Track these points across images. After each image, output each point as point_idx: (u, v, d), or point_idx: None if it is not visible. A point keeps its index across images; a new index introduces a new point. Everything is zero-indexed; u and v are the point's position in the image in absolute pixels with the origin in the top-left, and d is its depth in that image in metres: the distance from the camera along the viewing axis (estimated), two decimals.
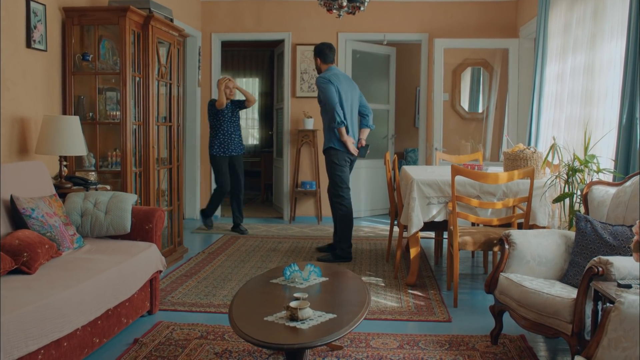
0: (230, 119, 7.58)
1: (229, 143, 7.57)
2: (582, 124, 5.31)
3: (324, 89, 6.21)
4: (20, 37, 4.56)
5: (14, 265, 3.34)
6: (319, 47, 6.47)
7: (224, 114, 7.53)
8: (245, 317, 2.92)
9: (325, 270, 3.75)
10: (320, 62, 6.46)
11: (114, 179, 5.39)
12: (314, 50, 6.53)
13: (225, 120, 7.54)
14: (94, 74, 5.24)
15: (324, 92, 6.21)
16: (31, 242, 3.53)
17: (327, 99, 6.19)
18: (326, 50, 6.44)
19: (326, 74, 6.33)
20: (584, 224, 3.69)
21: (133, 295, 4.03)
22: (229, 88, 7.48)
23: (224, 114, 7.52)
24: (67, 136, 4.54)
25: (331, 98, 6.17)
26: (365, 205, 9.29)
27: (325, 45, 6.48)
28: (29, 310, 2.84)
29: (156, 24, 5.56)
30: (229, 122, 7.56)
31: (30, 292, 3.04)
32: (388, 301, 4.87)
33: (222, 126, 7.53)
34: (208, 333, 4.06)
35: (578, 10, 5.61)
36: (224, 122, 7.53)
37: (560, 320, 3.27)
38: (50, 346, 3.01)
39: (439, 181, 5.14)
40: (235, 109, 7.65)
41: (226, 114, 7.54)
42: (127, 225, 4.41)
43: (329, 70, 6.42)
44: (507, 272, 3.82)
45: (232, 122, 7.60)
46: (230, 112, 7.58)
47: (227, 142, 7.56)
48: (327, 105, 6.20)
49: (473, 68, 9.01)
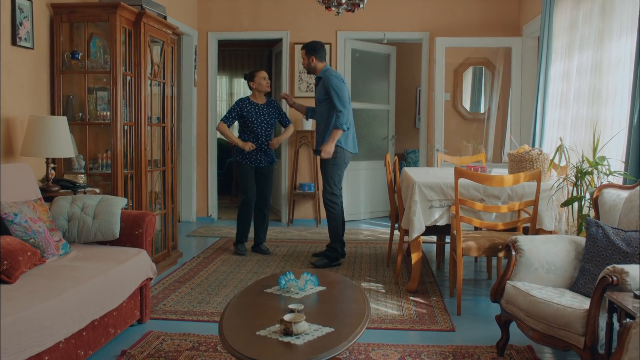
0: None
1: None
2: (589, 124, 5.13)
3: (339, 88, 5.99)
4: (5, 34, 4.37)
5: None
6: (313, 45, 6.25)
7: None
8: (236, 331, 2.73)
9: (323, 279, 3.56)
10: (315, 61, 6.22)
11: (105, 182, 5.20)
12: (306, 48, 6.27)
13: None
14: (84, 73, 5.06)
15: (339, 92, 5.99)
16: (12, 249, 3.34)
17: (341, 99, 5.97)
18: (320, 49, 6.24)
19: (337, 73, 6.17)
20: (595, 230, 3.51)
21: (121, 304, 3.84)
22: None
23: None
24: (54, 137, 4.35)
25: (346, 99, 6.01)
26: (365, 207, 9.10)
27: (319, 44, 6.28)
28: (5, 324, 2.64)
29: (148, 21, 5.37)
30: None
31: (7, 304, 2.84)
32: (389, 309, 4.68)
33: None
34: (200, 344, 3.87)
35: (585, 7, 5.43)
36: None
37: (572, 332, 3.09)
38: None
39: (441, 184, 4.95)
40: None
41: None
42: (116, 231, 4.22)
43: (328, 69, 6.23)
44: (514, 280, 3.64)
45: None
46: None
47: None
48: (339, 105, 5.96)
49: (475, 67, 8.84)
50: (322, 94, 6.12)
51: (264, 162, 6.56)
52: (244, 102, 6.51)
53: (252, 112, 6.45)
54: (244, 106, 6.47)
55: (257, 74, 6.54)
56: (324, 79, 6.08)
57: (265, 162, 6.57)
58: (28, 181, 4.12)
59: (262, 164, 6.54)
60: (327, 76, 6.08)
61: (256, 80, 6.51)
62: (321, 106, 6.18)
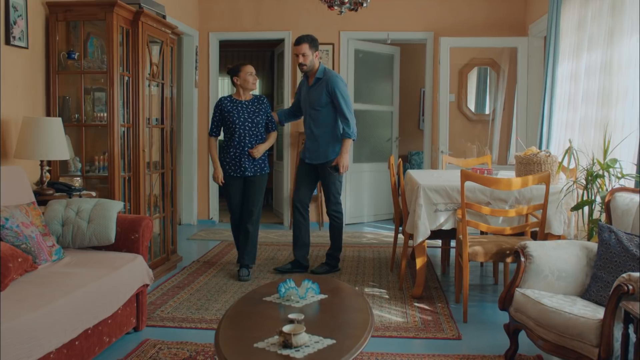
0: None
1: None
2: (598, 126, 4.99)
3: (347, 94, 5.60)
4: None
5: None
6: (315, 39, 5.68)
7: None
8: (233, 343, 2.60)
9: (324, 287, 3.43)
10: (317, 58, 5.68)
11: (102, 185, 5.08)
12: (309, 41, 5.61)
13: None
14: (80, 73, 4.95)
15: (347, 98, 5.58)
16: (2, 255, 3.21)
17: (349, 106, 5.58)
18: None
19: (339, 75, 5.74)
20: (608, 235, 3.38)
21: (116, 312, 3.71)
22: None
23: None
24: (48, 139, 4.22)
25: (350, 103, 5.64)
26: (368, 210, 8.97)
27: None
28: None
29: (147, 21, 5.25)
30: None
31: None
32: (393, 316, 4.55)
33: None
34: (197, 353, 3.74)
35: (593, 6, 5.29)
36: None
37: (585, 343, 2.95)
38: None
39: (446, 187, 4.82)
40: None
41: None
42: (111, 235, 4.09)
43: (328, 69, 5.76)
44: (523, 288, 3.50)
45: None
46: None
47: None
48: (347, 113, 5.54)
49: (480, 68, 8.71)
50: (324, 98, 5.58)
51: (251, 170, 5.59)
52: (224, 100, 5.65)
53: (233, 110, 5.55)
54: (224, 105, 5.60)
55: (242, 69, 5.63)
56: (328, 82, 5.55)
57: (253, 170, 5.60)
58: (21, 184, 3.99)
59: (248, 173, 5.58)
60: (332, 78, 5.57)
61: (241, 75, 5.62)
62: (321, 112, 5.64)
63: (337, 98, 5.53)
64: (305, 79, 5.80)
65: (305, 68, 5.62)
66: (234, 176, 5.58)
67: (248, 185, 5.63)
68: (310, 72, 5.68)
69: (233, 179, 5.60)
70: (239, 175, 5.57)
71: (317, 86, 5.63)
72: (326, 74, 5.63)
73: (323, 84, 5.58)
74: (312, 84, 5.67)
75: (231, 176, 5.58)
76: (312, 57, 5.59)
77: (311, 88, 5.68)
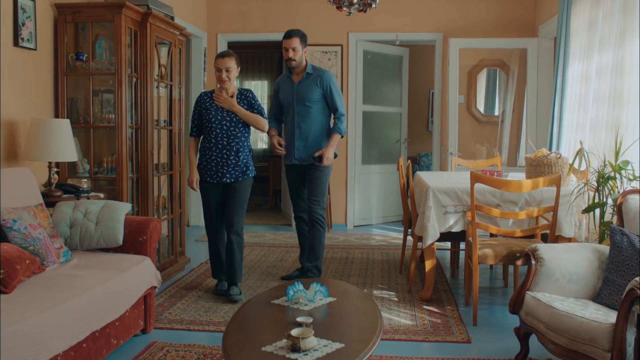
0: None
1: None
2: (609, 127, 4.95)
3: (338, 89, 5.46)
4: (7, 35, 4.24)
5: None
6: (305, 35, 5.42)
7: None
8: (241, 346, 2.57)
9: (333, 290, 3.40)
10: (306, 53, 5.45)
11: (110, 186, 5.07)
12: (302, 35, 5.36)
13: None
14: (89, 75, 4.93)
15: (339, 92, 5.45)
16: (10, 257, 3.20)
17: (341, 100, 5.43)
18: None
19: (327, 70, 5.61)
20: (620, 238, 3.33)
21: (124, 314, 3.70)
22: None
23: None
24: (56, 141, 4.22)
25: (342, 100, 5.50)
26: (377, 212, 8.93)
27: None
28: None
29: (155, 22, 5.24)
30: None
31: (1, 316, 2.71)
32: (402, 318, 4.52)
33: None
34: (205, 356, 3.72)
35: (605, 6, 5.24)
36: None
37: (597, 347, 2.91)
38: None
39: (456, 189, 4.78)
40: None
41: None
42: (119, 237, 4.07)
43: (316, 66, 5.57)
44: (534, 291, 3.46)
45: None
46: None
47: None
48: (342, 108, 5.42)
49: (489, 69, 8.65)
50: (316, 94, 5.37)
51: (231, 176, 4.91)
52: (203, 96, 5.05)
53: (211, 107, 4.92)
54: (203, 101, 4.99)
55: (215, 61, 4.92)
56: (322, 77, 5.37)
57: (232, 176, 4.91)
58: (29, 186, 3.99)
59: (226, 179, 4.91)
60: (326, 74, 5.41)
61: (214, 65, 4.92)
62: (312, 108, 5.39)
63: (332, 94, 5.38)
64: (288, 77, 5.51)
65: (294, 63, 5.33)
66: (211, 182, 4.96)
67: (228, 192, 4.96)
68: (298, 69, 5.40)
69: (210, 184, 4.97)
70: (216, 181, 4.93)
71: (307, 82, 5.40)
72: (316, 69, 5.45)
73: (315, 80, 5.38)
74: (301, 80, 5.40)
75: (207, 182, 4.97)
76: (301, 52, 5.33)
77: (300, 84, 5.40)
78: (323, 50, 8.35)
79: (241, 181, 4.94)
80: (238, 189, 4.94)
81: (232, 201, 4.93)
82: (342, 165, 8.41)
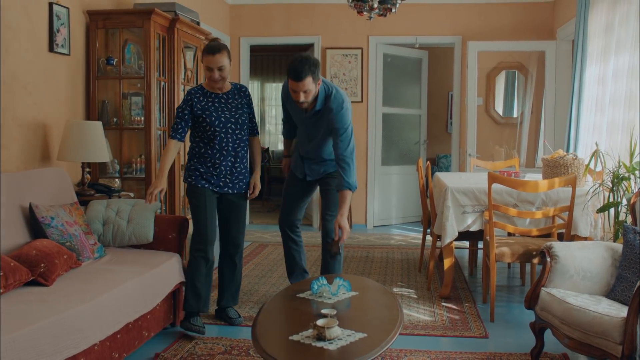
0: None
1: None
2: (625, 129, 5.04)
3: (349, 130, 4.22)
4: (43, 41, 4.45)
5: (30, 276, 3.21)
6: (317, 63, 4.07)
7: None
8: (270, 335, 2.73)
9: (355, 285, 3.55)
10: (319, 85, 4.16)
11: (139, 186, 5.26)
12: (313, 71, 4.00)
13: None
14: (118, 79, 5.12)
15: (349, 136, 4.21)
16: (49, 252, 3.39)
17: (350, 146, 4.20)
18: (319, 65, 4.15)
19: (345, 99, 4.25)
20: (632, 236, 3.45)
21: (155, 307, 3.87)
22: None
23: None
24: (89, 142, 4.41)
25: (353, 144, 4.28)
26: (396, 212, 9.06)
27: (315, 59, 4.09)
28: (41, 326, 2.69)
29: (182, 27, 5.42)
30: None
31: (44, 306, 2.90)
32: (421, 315, 4.65)
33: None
34: (232, 348, 3.89)
35: (621, 10, 5.34)
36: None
37: (609, 340, 3.03)
38: None
39: (474, 189, 4.91)
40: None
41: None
42: (150, 235, 4.25)
43: (332, 93, 4.23)
44: (549, 287, 3.58)
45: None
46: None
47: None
48: (349, 158, 4.18)
49: (508, 71, 8.76)
50: (324, 132, 4.33)
51: (233, 187, 4.32)
52: (194, 94, 4.24)
53: (209, 107, 4.20)
54: (196, 100, 4.21)
55: (204, 59, 4.17)
56: (331, 117, 4.18)
57: (235, 187, 4.32)
58: (64, 185, 4.19)
59: (227, 189, 4.30)
60: (336, 110, 4.16)
61: (204, 68, 4.20)
62: (323, 142, 4.42)
63: (338, 137, 4.18)
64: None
65: (305, 105, 4.17)
66: (210, 190, 4.25)
67: (229, 206, 4.36)
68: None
69: (208, 190, 4.24)
70: (217, 190, 4.27)
71: (315, 118, 4.32)
72: (327, 103, 4.21)
73: (323, 118, 4.26)
74: (309, 115, 4.32)
75: (205, 188, 4.23)
76: (315, 89, 4.10)
77: (307, 118, 4.36)
78: (343, 53, 8.49)
79: (243, 194, 4.39)
80: (242, 205, 4.42)
81: (237, 218, 4.41)
82: (362, 166, 8.54)
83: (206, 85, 4.30)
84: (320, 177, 4.60)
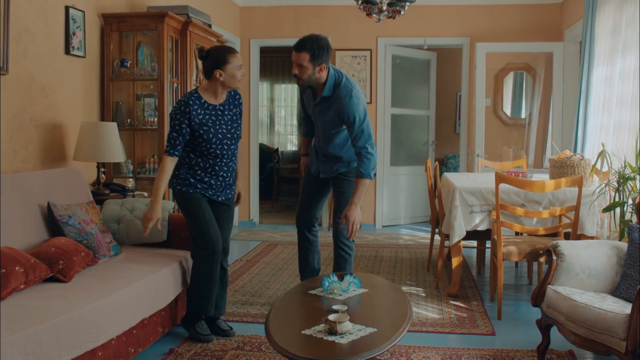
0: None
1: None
2: (632, 130, 5.10)
3: (362, 116, 4.13)
4: (59, 44, 4.55)
5: (49, 273, 3.30)
6: (321, 44, 4.09)
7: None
8: (283, 329, 2.82)
9: (365, 282, 3.63)
10: (323, 70, 4.13)
11: (152, 186, 5.33)
12: (314, 51, 4.06)
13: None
14: (132, 80, 5.23)
15: (361, 120, 4.12)
16: (67, 249, 3.49)
17: (369, 135, 4.14)
18: (329, 49, 4.16)
19: (355, 88, 4.20)
20: (637, 235, 3.51)
21: (169, 304, 3.96)
22: None
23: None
24: (104, 142, 4.51)
25: (370, 130, 4.21)
26: (405, 212, 9.14)
27: (326, 40, 4.16)
28: (62, 320, 2.79)
29: (194, 30, 5.52)
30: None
31: (64, 302, 2.99)
32: (429, 312, 4.73)
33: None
34: (244, 344, 3.98)
35: (628, 12, 5.40)
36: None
37: (613, 337, 3.10)
38: (85, 356, 2.95)
39: (482, 189, 4.98)
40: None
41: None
42: (164, 233, 4.35)
43: (342, 82, 4.19)
44: (555, 285, 3.65)
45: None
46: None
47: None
48: (368, 144, 4.10)
49: (516, 72, 8.82)
50: (336, 122, 4.25)
51: (229, 192, 4.23)
52: (192, 105, 3.88)
53: (207, 121, 3.92)
54: (195, 113, 3.87)
55: (232, 58, 3.88)
56: (340, 105, 4.12)
57: (223, 194, 4.17)
58: (81, 185, 4.29)
59: (221, 197, 4.16)
60: (345, 98, 4.10)
61: (229, 69, 3.88)
62: (336, 135, 4.35)
63: (351, 128, 4.12)
64: (311, 90, 4.36)
65: (301, 82, 4.19)
66: (202, 194, 4.04)
67: (219, 209, 4.17)
68: (313, 86, 4.28)
69: (199, 195, 4.03)
70: (207, 195, 4.07)
71: (324, 106, 4.27)
72: (337, 89, 4.16)
73: (332, 106, 4.20)
74: (317, 102, 4.29)
75: (197, 192, 4.02)
76: (312, 72, 4.09)
77: (316, 106, 4.32)
78: (352, 54, 8.58)
79: (231, 198, 4.28)
80: (230, 209, 4.28)
81: (228, 222, 4.27)
82: None
83: (202, 91, 3.98)
84: (332, 175, 4.51)
